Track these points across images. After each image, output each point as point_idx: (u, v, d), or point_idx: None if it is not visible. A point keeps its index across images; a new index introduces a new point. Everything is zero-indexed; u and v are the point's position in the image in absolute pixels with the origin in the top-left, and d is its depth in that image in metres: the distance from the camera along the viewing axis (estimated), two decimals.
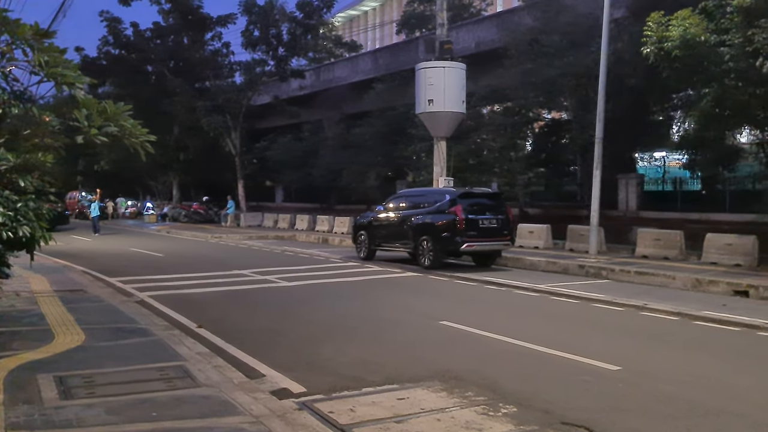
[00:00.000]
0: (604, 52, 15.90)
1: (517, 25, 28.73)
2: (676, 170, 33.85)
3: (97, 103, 6.81)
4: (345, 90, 39.74)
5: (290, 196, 48.16)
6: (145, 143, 7.25)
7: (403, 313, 10.27)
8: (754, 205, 24.71)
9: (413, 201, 16.94)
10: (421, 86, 19.83)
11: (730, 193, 26.41)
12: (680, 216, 25.13)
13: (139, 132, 7.15)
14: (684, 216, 24.91)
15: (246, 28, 34.77)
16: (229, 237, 26.62)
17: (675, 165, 34.88)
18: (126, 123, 6.97)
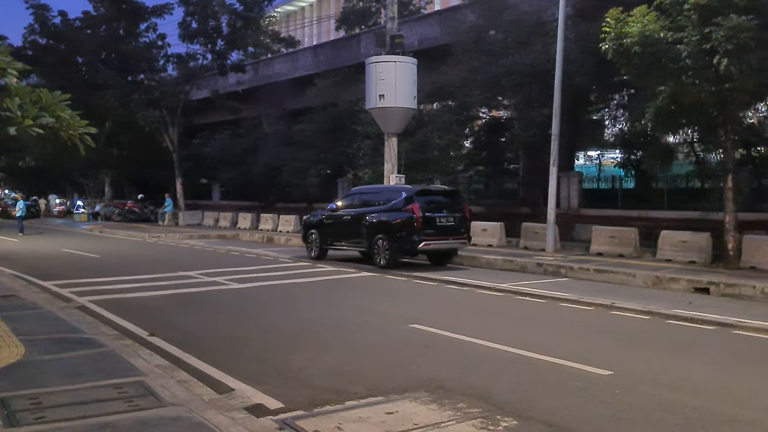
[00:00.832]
0: (559, 49, 15.79)
1: (461, 22, 28.61)
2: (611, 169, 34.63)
3: (30, 91, 6.16)
4: (285, 86, 38.92)
5: (228, 194, 46.94)
6: (84, 136, 6.60)
7: (369, 316, 9.78)
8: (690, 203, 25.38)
9: (367, 199, 16.45)
10: (371, 81, 19.36)
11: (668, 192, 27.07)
12: (620, 213, 25.50)
13: (78, 124, 6.50)
14: (624, 213, 25.28)
15: (183, 19, 33.48)
16: (168, 236, 25.50)
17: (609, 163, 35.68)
18: (63, 114, 6.31)
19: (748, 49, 12.10)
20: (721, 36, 12.08)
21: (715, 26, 12.28)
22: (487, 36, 25.53)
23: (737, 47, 12.03)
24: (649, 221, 22.95)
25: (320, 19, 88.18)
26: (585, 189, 29.87)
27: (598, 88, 27.97)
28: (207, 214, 32.48)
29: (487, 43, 25.36)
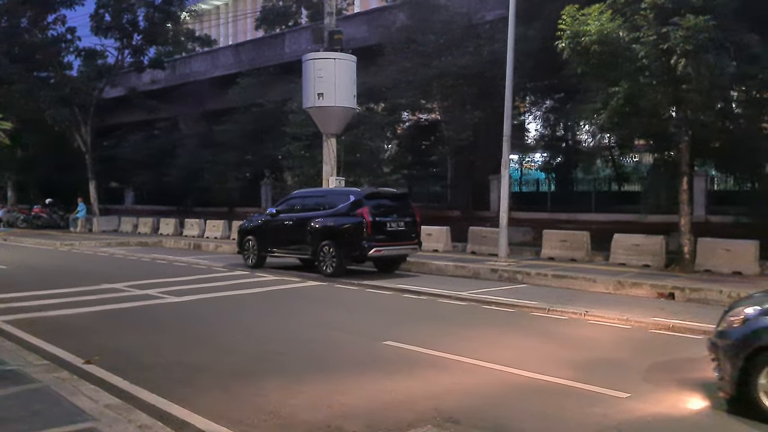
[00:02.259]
0: (510, 47, 15.29)
1: (391, 22, 28.09)
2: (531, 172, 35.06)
3: None
4: (205, 85, 37.31)
5: (142, 198, 44.70)
6: None
7: (334, 332, 8.85)
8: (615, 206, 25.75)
9: (311, 203, 15.45)
10: (309, 79, 18.37)
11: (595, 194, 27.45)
12: (550, 216, 25.63)
13: None
14: (554, 216, 25.41)
15: (96, 11, 31.29)
16: (82, 244, 23.54)
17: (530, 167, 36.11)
18: None
19: (706, 49, 11.95)
20: (679, 36, 11.88)
21: (673, 26, 12.09)
22: (418, 37, 25.08)
23: (696, 48, 11.86)
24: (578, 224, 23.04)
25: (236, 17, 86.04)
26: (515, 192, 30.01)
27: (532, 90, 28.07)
28: (124, 220, 30.43)
29: (419, 44, 24.92)
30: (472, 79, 24.18)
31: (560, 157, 31.40)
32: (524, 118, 32.26)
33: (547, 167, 32.17)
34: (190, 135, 37.79)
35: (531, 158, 36.09)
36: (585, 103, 19.19)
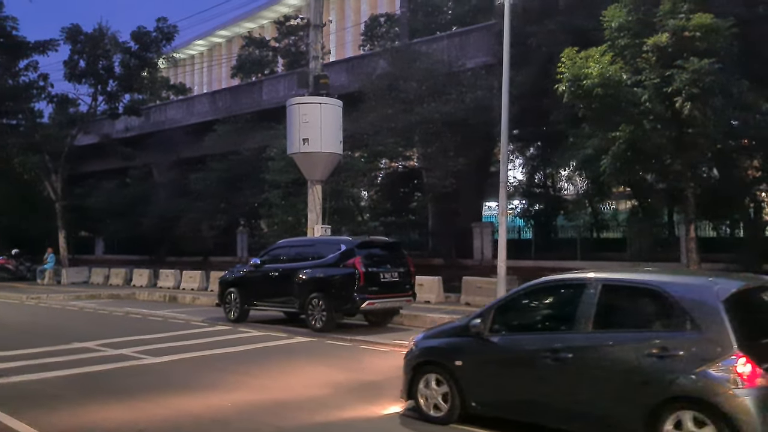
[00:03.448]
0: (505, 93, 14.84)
1: (372, 69, 27.97)
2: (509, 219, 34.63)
3: None
4: (180, 133, 36.72)
5: (113, 248, 43.39)
6: None
7: (341, 399, 7.94)
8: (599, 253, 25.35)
9: (298, 252, 14.59)
10: (294, 124, 17.73)
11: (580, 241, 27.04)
12: (535, 264, 25.09)
13: None
14: (538, 264, 24.87)
15: (70, 57, 30.58)
16: (51, 297, 22.26)
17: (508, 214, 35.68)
18: None
19: (712, 93, 11.59)
20: (685, 79, 11.52)
21: (677, 69, 11.74)
22: (399, 84, 24.87)
23: (702, 91, 11.50)
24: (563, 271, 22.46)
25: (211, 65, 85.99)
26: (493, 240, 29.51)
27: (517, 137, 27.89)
28: (95, 271, 29.14)
29: (401, 91, 24.70)
30: (456, 126, 23.97)
31: (541, 204, 31.14)
32: None
33: (526, 214, 31.82)
34: (163, 183, 37.00)
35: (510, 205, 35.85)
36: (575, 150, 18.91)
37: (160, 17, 31.01)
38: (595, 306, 5.84)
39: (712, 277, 5.82)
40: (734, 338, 5.06)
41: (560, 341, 5.95)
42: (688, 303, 5.40)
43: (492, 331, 6.45)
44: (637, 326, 5.76)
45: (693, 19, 11.61)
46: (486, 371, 6.47)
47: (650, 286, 5.76)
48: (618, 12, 12.74)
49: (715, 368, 5.04)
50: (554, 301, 6.64)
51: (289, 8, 66.04)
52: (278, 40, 43.77)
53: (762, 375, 4.95)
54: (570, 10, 20.34)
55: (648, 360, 5.35)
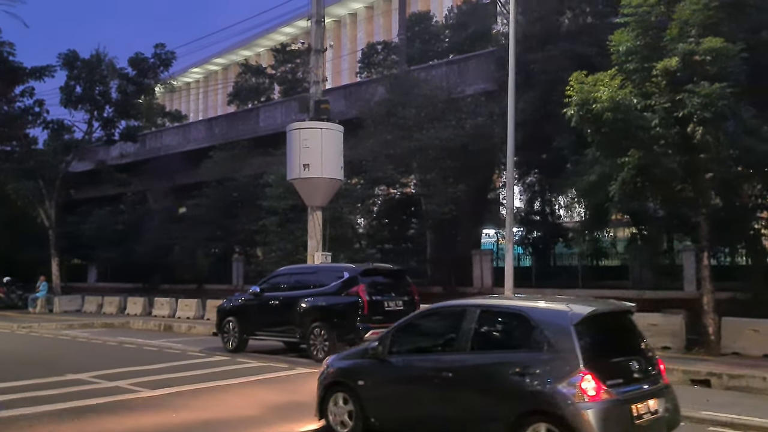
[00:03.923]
0: (510, 118, 14.61)
1: (370, 95, 27.91)
2: None
3: None
4: (175, 159, 36.46)
5: (106, 275, 42.81)
6: None
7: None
8: (600, 281, 25.02)
9: (299, 280, 14.21)
10: (294, 149, 17.47)
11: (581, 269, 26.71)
12: (536, 292, 24.67)
13: None
14: (539, 292, 24.46)
15: (66, 83, 30.40)
16: (42, 326, 21.71)
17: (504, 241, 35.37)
18: None
19: (725, 117, 11.38)
20: (696, 103, 11.30)
21: (688, 93, 11.53)
22: (398, 110, 24.76)
23: (714, 115, 11.28)
24: None
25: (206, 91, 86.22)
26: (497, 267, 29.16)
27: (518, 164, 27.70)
28: (88, 299, 28.60)
29: (399, 118, 24.56)
30: (455, 152, 23.79)
31: (539, 231, 30.86)
32: (499, 192, 31.85)
33: (524, 242, 31.55)
34: (158, 210, 36.64)
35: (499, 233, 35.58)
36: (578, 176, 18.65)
37: (158, 43, 30.97)
38: (473, 329, 6.50)
39: (569, 303, 6.35)
40: (581, 357, 5.67)
41: (443, 362, 6.61)
42: (546, 326, 6.02)
43: (389, 353, 7.04)
44: (506, 347, 6.46)
45: (703, 43, 11.43)
46: (384, 390, 7.07)
47: (517, 311, 6.48)
48: (625, 36, 12.56)
49: (565, 384, 5.62)
50: (442, 326, 7.16)
51: (285, 36, 66.35)
52: (275, 67, 43.87)
53: (605, 390, 5.60)
54: (572, 36, 20.28)
55: (513, 377, 5.95)
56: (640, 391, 5.91)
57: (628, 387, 5.84)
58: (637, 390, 5.89)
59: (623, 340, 6.46)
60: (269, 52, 63.21)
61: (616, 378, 5.77)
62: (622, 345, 6.39)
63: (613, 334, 6.45)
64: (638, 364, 6.08)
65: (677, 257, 23.71)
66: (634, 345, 6.40)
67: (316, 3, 18.06)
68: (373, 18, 68.39)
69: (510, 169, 14.89)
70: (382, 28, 64.49)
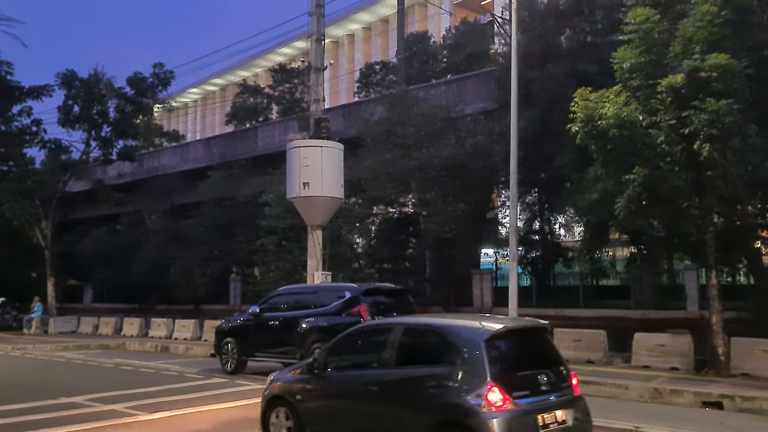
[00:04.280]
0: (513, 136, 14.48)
1: (369, 115, 27.86)
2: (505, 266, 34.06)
3: None
4: (173, 179, 36.31)
5: (102, 296, 42.44)
6: None
7: None
8: (602, 300, 24.78)
9: (299, 300, 13.96)
10: (294, 168, 17.29)
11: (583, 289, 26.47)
12: (536, 312, 24.32)
13: None
14: (540, 312, 24.14)
15: (64, 102, 30.30)
16: (37, 348, 21.37)
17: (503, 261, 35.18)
18: None
19: (732, 134, 11.24)
20: (703, 120, 11.17)
21: (694, 110, 11.40)
22: (397, 129, 24.69)
23: (721, 132, 11.14)
24: (567, 320, 21.93)
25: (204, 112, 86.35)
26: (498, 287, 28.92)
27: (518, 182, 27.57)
28: (84, 320, 28.25)
29: (399, 136, 24.48)
30: (455, 170, 23.68)
31: (538, 251, 30.66)
32: (498, 211, 31.73)
33: (523, 261, 31.34)
34: (155, 230, 36.41)
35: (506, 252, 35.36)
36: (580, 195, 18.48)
37: (156, 63, 30.92)
38: (398, 346, 6.88)
39: (483, 321, 6.83)
40: (489, 371, 6.06)
41: (371, 377, 7.00)
42: (460, 342, 6.43)
43: (325, 369, 7.41)
44: (426, 362, 6.71)
45: (708, 60, 11.32)
46: (319, 405, 7.46)
47: (435, 328, 6.96)
48: (629, 53, 12.46)
49: (474, 396, 6.00)
50: (371, 342, 7.48)
51: (283, 57, 66.61)
52: (273, 87, 43.89)
53: (511, 401, 5.98)
54: (572, 54, 20.24)
55: (430, 390, 6.35)
56: (546, 402, 6.25)
57: (534, 398, 6.20)
58: (543, 401, 6.24)
59: (535, 355, 6.81)
60: (267, 72, 63.41)
61: (522, 390, 6.15)
62: (533, 359, 6.72)
63: (525, 349, 6.81)
64: (547, 377, 6.40)
65: (678, 277, 23.54)
66: (545, 359, 6.74)
67: (316, 21, 17.99)
68: (371, 39, 68.72)
69: (513, 187, 14.73)
70: (379, 49, 64.76)
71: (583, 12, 21.13)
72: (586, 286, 27.71)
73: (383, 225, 30.53)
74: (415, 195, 27.59)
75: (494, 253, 33.70)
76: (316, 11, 18.00)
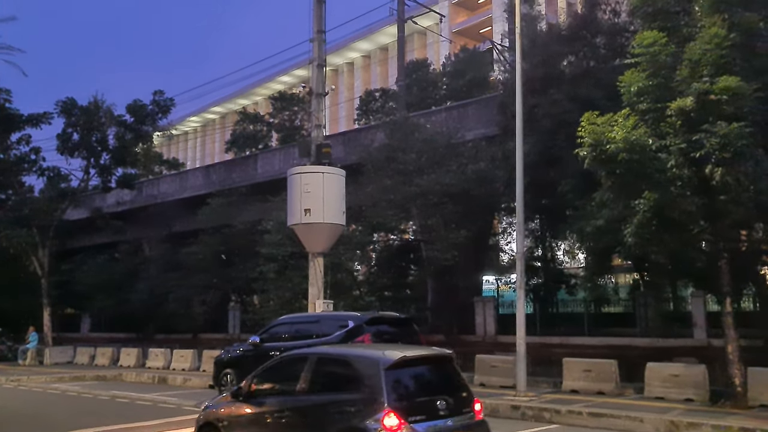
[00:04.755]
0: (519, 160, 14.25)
1: (370, 141, 27.78)
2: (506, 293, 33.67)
3: None
4: (172, 207, 36.15)
5: (100, 325, 41.96)
6: None
7: None
8: (606, 328, 24.39)
9: (300, 329, 13.60)
10: (295, 194, 17.02)
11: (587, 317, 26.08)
12: (540, 341, 24.07)
13: None
14: (544, 341, 23.90)
15: (63, 130, 30.15)
16: (32, 379, 20.89)
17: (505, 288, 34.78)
18: None
19: (744, 157, 11.01)
20: (714, 143, 10.94)
21: (705, 133, 11.18)
22: (398, 155, 24.54)
23: (734, 156, 10.91)
24: (571, 348, 21.57)
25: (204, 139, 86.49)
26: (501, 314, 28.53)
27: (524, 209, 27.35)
28: (80, 350, 27.78)
29: (400, 163, 24.32)
30: (457, 197, 23.48)
31: (540, 278, 30.34)
32: (498, 238, 31.50)
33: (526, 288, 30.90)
34: (154, 258, 36.10)
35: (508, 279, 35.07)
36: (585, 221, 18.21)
37: (156, 90, 30.85)
38: (311, 374, 7.39)
39: (385, 350, 7.36)
40: (386, 397, 6.51)
41: (286, 403, 7.53)
42: (363, 370, 6.92)
43: (248, 396, 7.87)
44: (335, 389, 7.20)
45: (719, 83, 11.13)
46: (241, 430, 7.88)
47: (342, 358, 7.60)
48: (636, 76, 12.28)
49: (372, 421, 6.43)
50: (289, 371, 7.87)
51: (283, 85, 66.88)
52: (273, 115, 43.92)
53: (406, 426, 6.41)
54: (575, 80, 20.12)
55: (336, 416, 6.83)
56: (443, 426, 6.70)
57: (431, 422, 6.64)
58: (440, 425, 6.69)
59: (437, 382, 7.29)
60: (267, 100, 63.63)
61: (419, 414, 6.59)
62: (435, 386, 7.21)
63: (426, 377, 7.27)
64: (446, 403, 6.82)
65: (682, 303, 23.19)
66: (448, 386, 7.21)
67: (318, 47, 17.85)
68: (370, 67, 69.10)
69: (520, 212, 14.46)
70: (378, 77, 65.06)
71: (585, 38, 21.08)
72: (590, 314, 27.36)
73: (383, 252, 30.27)
74: (416, 222, 27.36)
75: (495, 280, 33.41)
76: (318, 37, 17.88)
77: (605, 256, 21.06)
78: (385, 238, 29.46)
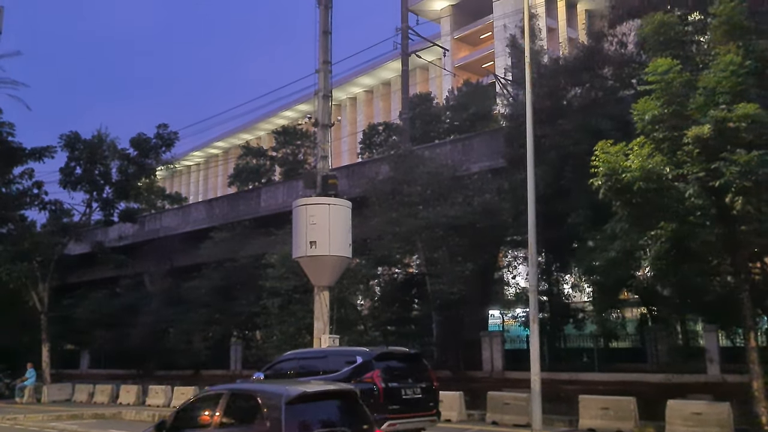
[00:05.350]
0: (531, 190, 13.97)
1: (374, 174, 27.63)
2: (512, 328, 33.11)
3: None
4: (175, 241, 35.91)
5: (99, 361, 41.34)
6: None
7: None
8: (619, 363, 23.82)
9: (306, 366, 13.08)
10: (300, 226, 16.72)
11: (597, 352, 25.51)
12: (549, 376, 23.38)
13: None
14: (553, 376, 23.28)
15: (66, 164, 29.99)
16: (28, 418, 20.31)
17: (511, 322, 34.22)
18: None
19: (765, 186, 10.70)
20: (734, 172, 10.65)
21: (724, 161, 10.90)
22: (403, 188, 24.34)
23: (755, 184, 10.60)
24: (582, 384, 21.03)
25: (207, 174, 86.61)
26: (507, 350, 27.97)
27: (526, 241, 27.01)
28: (78, 387, 27.21)
29: (405, 195, 24.12)
30: (463, 230, 23.20)
31: (547, 311, 29.85)
32: (504, 271, 31.09)
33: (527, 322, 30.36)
34: (156, 292, 35.72)
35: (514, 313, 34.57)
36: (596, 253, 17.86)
37: (160, 124, 30.81)
38: (225, 408, 7.80)
39: (288, 386, 7.79)
40: (285, 429, 6.94)
41: None
42: (267, 404, 7.33)
43: (170, 429, 8.10)
44: (244, 422, 7.66)
45: (737, 110, 10.89)
46: None
47: (251, 393, 8.02)
48: (650, 104, 12.06)
49: None
50: (207, 406, 8.18)
51: (286, 120, 67.17)
52: (276, 149, 43.93)
53: None
54: (584, 110, 19.96)
55: None
56: None
57: None
58: None
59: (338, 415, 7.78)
60: (270, 135, 63.82)
61: None
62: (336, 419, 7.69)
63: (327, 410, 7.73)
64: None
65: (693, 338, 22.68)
66: (349, 419, 7.75)
67: (323, 78, 17.74)
68: (373, 101, 69.45)
69: (532, 244, 14.16)
70: (381, 111, 65.34)
71: (592, 69, 21.00)
72: (599, 348, 26.80)
73: (388, 286, 29.90)
74: (421, 255, 27.04)
75: (501, 314, 32.93)
76: (323, 67, 17.78)
77: (614, 290, 20.66)
78: (389, 271, 29.12)
